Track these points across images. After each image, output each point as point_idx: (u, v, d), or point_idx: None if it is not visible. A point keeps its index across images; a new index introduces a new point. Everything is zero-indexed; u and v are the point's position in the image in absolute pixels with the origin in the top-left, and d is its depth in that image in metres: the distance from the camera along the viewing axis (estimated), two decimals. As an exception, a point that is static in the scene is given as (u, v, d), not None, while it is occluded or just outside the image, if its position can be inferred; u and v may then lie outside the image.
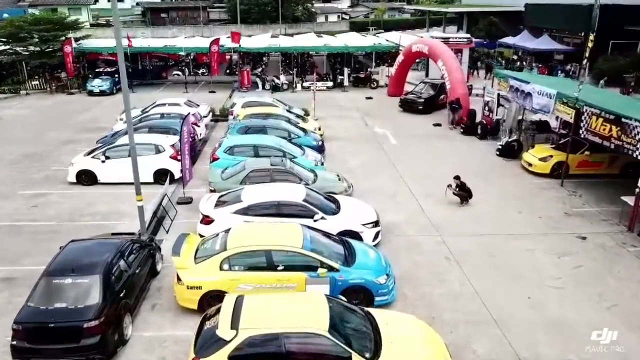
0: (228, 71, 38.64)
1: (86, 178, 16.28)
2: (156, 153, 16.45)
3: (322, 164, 16.78)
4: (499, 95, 21.52)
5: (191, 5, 74.53)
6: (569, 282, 10.96)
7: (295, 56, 36.66)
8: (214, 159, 16.16)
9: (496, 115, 21.80)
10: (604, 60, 31.02)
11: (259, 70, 37.05)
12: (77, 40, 34.32)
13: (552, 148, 17.86)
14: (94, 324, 8.15)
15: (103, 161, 16.18)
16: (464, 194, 14.82)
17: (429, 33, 46.90)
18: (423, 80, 29.71)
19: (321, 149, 18.69)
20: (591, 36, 16.23)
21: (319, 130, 21.06)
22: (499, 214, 14.38)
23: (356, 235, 11.87)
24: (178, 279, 9.69)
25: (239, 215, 11.92)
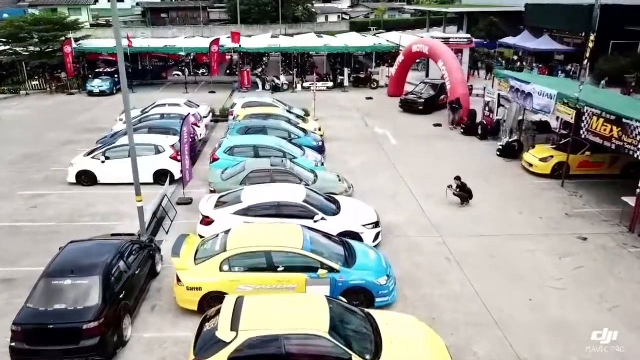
0: (228, 71, 38.60)
1: (86, 178, 16.27)
2: (156, 153, 16.43)
3: (322, 164, 16.75)
4: (499, 95, 21.49)
5: (191, 5, 74.52)
6: (569, 283, 10.93)
7: (295, 56, 36.62)
8: (213, 160, 16.13)
9: (496, 115, 21.76)
10: (604, 61, 30.98)
11: (259, 70, 37.02)
12: (76, 40, 34.28)
13: (553, 148, 17.83)
14: (93, 325, 8.13)
15: (103, 161, 16.16)
16: (464, 194, 14.79)
17: (429, 33, 46.86)
18: (423, 81, 29.69)
19: (321, 149, 18.65)
20: (592, 36, 16.21)
21: (319, 131, 21.02)
22: (499, 215, 14.36)
23: (356, 236, 11.85)
24: (178, 279, 9.66)
25: (238, 216, 11.90)
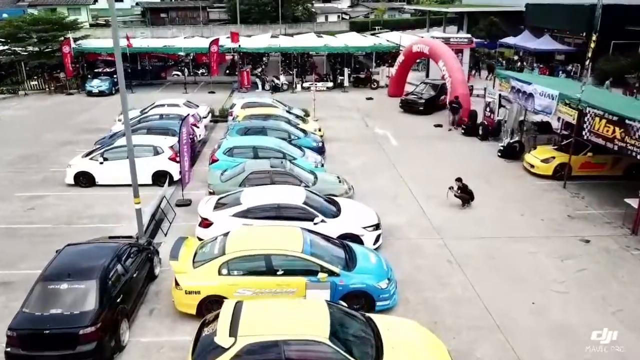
0: (228, 71, 38.48)
1: (84, 180, 16.15)
2: (155, 154, 16.30)
3: (322, 165, 16.64)
4: (500, 96, 21.38)
5: (191, 5, 74.42)
6: (572, 286, 10.81)
7: (295, 56, 36.47)
8: (213, 161, 16.02)
9: (497, 116, 21.65)
10: (604, 61, 30.86)
11: (259, 70, 36.90)
12: (76, 40, 34.17)
13: (555, 149, 17.72)
14: (90, 330, 8.01)
15: (101, 163, 16.05)
16: (465, 196, 14.67)
17: (430, 33, 46.76)
18: (424, 81, 29.58)
19: (321, 150, 18.54)
20: (593, 36, 16.09)
21: (319, 131, 20.91)
22: (500, 217, 14.24)
23: (357, 239, 11.73)
24: (176, 283, 9.54)
25: (238, 218, 11.77)
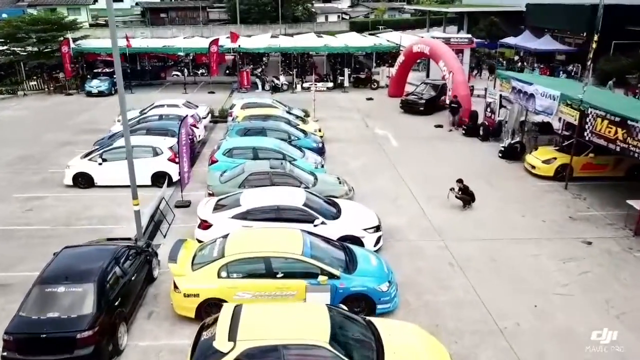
0: (227, 72, 38.39)
1: (83, 181, 16.06)
2: (154, 155, 16.20)
3: (322, 166, 16.53)
4: (501, 96, 21.29)
5: (191, 5, 74.31)
6: (575, 289, 10.71)
7: (295, 56, 36.39)
8: (212, 162, 15.92)
9: (498, 116, 21.56)
10: (605, 61, 30.78)
11: (259, 70, 36.81)
12: (75, 40, 34.07)
13: (556, 150, 17.62)
14: (87, 334, 7.91)
15: (100, 164, 15.96)
16: (466, 197, 14.57)
17: (430, 33, 46.65)
18: (424, 81, 29.50)
19: (321, 151, 18.44)
20: (595, 37, 16.01)
21: (319, 132, 20.82)
22: (502, 218, 14.15)
23: (357, 241, 11.63)
24: (175, 286, 9.45)
25: (237, 220, 11.68)
